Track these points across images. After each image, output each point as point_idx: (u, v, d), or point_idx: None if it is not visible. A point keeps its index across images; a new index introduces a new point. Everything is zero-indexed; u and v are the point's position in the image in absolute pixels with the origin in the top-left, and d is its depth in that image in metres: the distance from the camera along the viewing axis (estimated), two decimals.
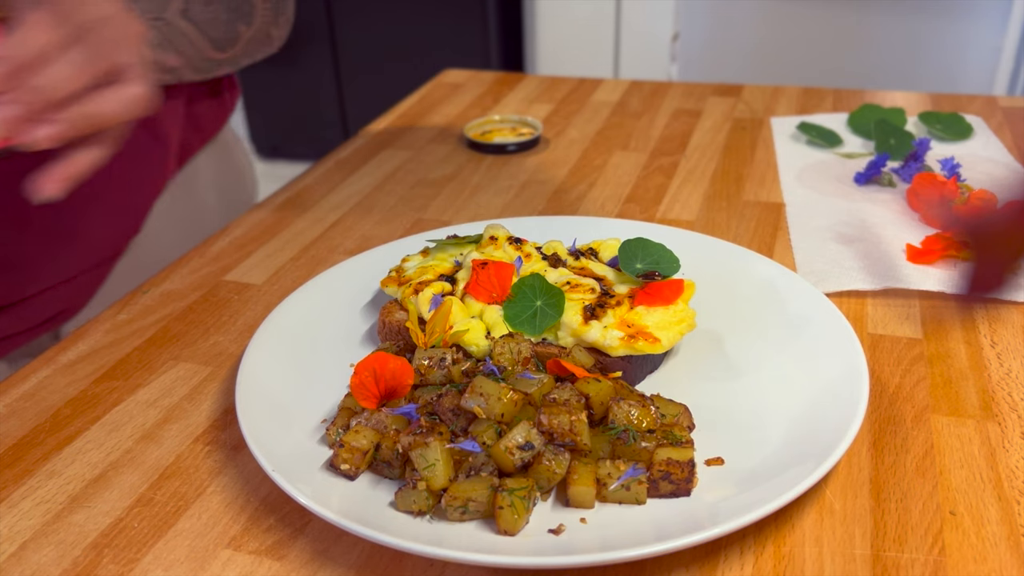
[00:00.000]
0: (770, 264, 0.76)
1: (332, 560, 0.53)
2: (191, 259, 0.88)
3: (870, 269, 0.80)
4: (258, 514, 0.56)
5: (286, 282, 0.83)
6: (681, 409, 0.59)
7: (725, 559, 0.52)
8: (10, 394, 0.68)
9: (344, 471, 0.56)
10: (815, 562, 0.51)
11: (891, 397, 0.65)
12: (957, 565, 0.51)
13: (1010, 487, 0.56)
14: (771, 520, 0.54)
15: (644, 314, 0.65)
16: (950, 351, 0.70)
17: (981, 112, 1.16)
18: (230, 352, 0.73)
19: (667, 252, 0.70)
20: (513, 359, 0.62)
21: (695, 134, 1.13)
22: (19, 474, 0.60)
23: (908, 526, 0.54)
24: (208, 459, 0.61)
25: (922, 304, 0.76)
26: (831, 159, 1.04)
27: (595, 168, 1.05)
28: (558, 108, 1.24)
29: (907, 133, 1.04)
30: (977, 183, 0.92)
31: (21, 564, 0.53)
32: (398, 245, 0.82)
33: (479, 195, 0.98)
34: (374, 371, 0.59)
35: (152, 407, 0.66)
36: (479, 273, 0.68)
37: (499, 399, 0.55)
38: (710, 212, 0.93)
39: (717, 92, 1.28)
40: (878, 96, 1.23)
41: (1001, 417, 0.62)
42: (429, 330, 0.65)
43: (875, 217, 0.90)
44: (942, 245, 0.80)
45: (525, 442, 0.53)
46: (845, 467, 0.58)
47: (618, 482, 0.53)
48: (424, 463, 0.53)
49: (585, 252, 0.74)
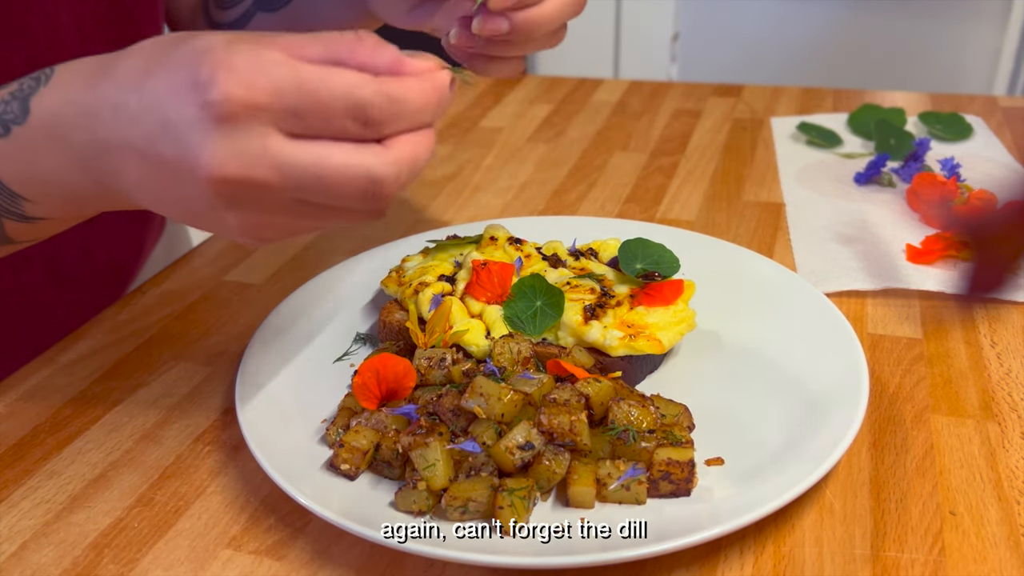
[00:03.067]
0: (770, 264, 0.76)
1: (332, 560, 0.53)
2: (191, 259, 0.88)
3: (870, 269, 0.80)
4: (258, 514, 0.56)
5: (286, 282, 0.83)
6: (681, 409, 0.59)
7: (725, 559, 0.52)
8: (10, 394, 0.68)
9: (344, 471, 0.56)
10: (815, 562, 0.51)
11: (891, 397, 0.65)
12: (957, 565, 0.51)
13: (1010, 487, 0.56)
14: (771, 520, 0.54)
15: (644, 314, 0.65)
16: (950, 351, 0.70)
17: (981, 112, 1.16)
18: (230, 352, 0.73)
19: (667, 252, 0.70)
20: (513, 359, 0.62)
21: (695, 134, 1.13)
22: (19, 474, 0.60)
23: (908, 526, 0.54)
24: (208, 459, 0.61)
25: (922, 304, 0.76)
26: (831, 159, 1.04)
27: (595, 168, 1.05)
28: (558, 108, 1.24)
29: (907, 133, 1.04)
30: (977, 183, 0.92)
31: (21, 564, 0.53)
32: (398, 245, 0.82)
33: (479, 195, 0.98)
34: (377, 372, 0.59)
35: (152, 407, 0.66)
36: (479, 273, 0.68)
37: (499, 399, 0.55)
38: (710, 212, 0.93)
39: (717, 92, 1.28)
40: (878, 96, 1.23)
41: (1001, 417, 0.62)
42: (429, 330, 0.65)
43: (875, 217, 0.90)
44: (942, 245, 0.80)
45: (525, 442, 0.53)
46: (845, 467, 0.58)
47: (618, 482, 0.53)
48: (424, 463, 0.53)
49: (585, 252, 0.74)
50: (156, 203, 0.49)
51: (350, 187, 0.44)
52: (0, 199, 0.53)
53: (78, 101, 0.49)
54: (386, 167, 0.45)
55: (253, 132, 0.43)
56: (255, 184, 0.44)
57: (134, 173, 0.47)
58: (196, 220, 0.49)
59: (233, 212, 0.45)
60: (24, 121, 0.51)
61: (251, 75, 0.43)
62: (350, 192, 0.45)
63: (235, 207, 0.45)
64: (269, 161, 0.43)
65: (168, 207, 0.49)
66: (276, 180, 0.44)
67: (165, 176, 0.46)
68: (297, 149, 0.44)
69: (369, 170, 0.44)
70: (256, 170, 0.43)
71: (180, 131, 0.44)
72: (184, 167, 0.44)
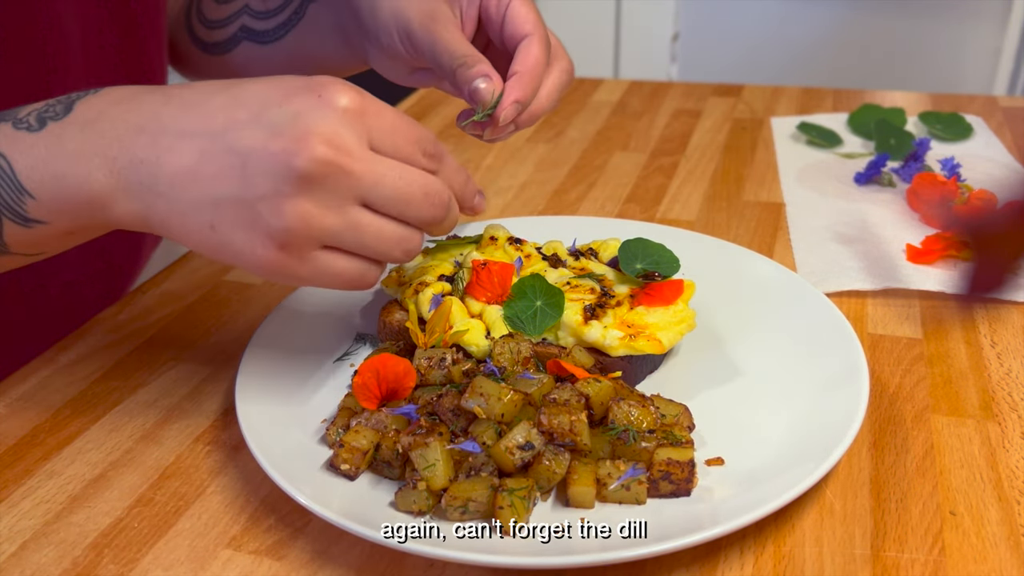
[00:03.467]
0: (770, 264, 0.76)
1: (332, 560, 0.53)
2: (191, 259, 0.88)
3: (870, 269, 0.80)
4: (258, 514, 0.56)
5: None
6: (681, 409, 0.59)
7: (725, 559, 0.52)
8: (10, 394, 0.68)
9: (344, 471, 0.56)
10: (815, 562, 0.51)
11: (891, 397, 0.65)
12: (957, 565, 0.51)
13: (1010, 487, 0.56)
14: (771, 520, 0.54)
15: (644, 314, 0.65)
16: (950, 351, 0.70)
17: (981, 112, 1.16)
18: (230, 352, 0.73)
19: (667, 252, 0.70)
20: (513, 359, 0.62)
21: (695, 134, 1.13)
22: (19, 474, 0.60)
23: (908, 526, 0.54)
24: (208, 459, 0.61)
25: (922, 304, 0.76)
26: (831, 159, 1.04)
27: (595, 168, 1.05)
28: (558, 108, 1.24)
29: (907, 133, 1.04)
30: (977, 183, 0.92)
31: (21, 564, 0.53)
32: None
33: None
34: (377, 372, 0.59)
35: (152, 407, 0.66)
36: (479, 273, 0.68)
37: (499, 399, 0.55)
38: (710, 212, 0.93)
39: (717, 92, 1.28)
40: (878, 96, 1.23)
41: (1001, 417, 0.62)
42: (429, 330, 0.65)
43: (875, 217, 0.90)
44: (942, 245, 0.80)
45: (525, 442, 0.53)
46: (845, 467, 0.58)
47: (618, 482, 0.53)
48: (424, 463, 0.53)
49: (585, 252, 0.74)
50: (188, 199, 0.51)
51: (416, 188, 0.53)
52: (8, 193, 0.53)
53: (129, 100, 0.53)
54: (441, 183, 0.55)
55: (354, 130, 0.50)
56: (342, 170, 0.50)
57: (185, 159, 0.50)
58: (229, 224, 0.51)
59: (302, 197, 0.49)
60: (63, 118, 0.53)
61: (361, 93, 0.52)
62: (416, 194, 0.53)
63: (307, 191, 0.49)
64: (360, 155, 0.50)
65: (199, 207, 0.51)
66: (361, 171, 0.50)
67: (230, 163, 0.50)
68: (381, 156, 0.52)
69: (431, 181, 0.54)
70: (346, 158, 0.50)
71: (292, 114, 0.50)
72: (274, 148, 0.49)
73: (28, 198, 0.53)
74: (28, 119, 0.54)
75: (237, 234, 0.51)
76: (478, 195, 0.61)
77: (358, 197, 0.51)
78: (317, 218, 0.50)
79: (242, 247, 0.51)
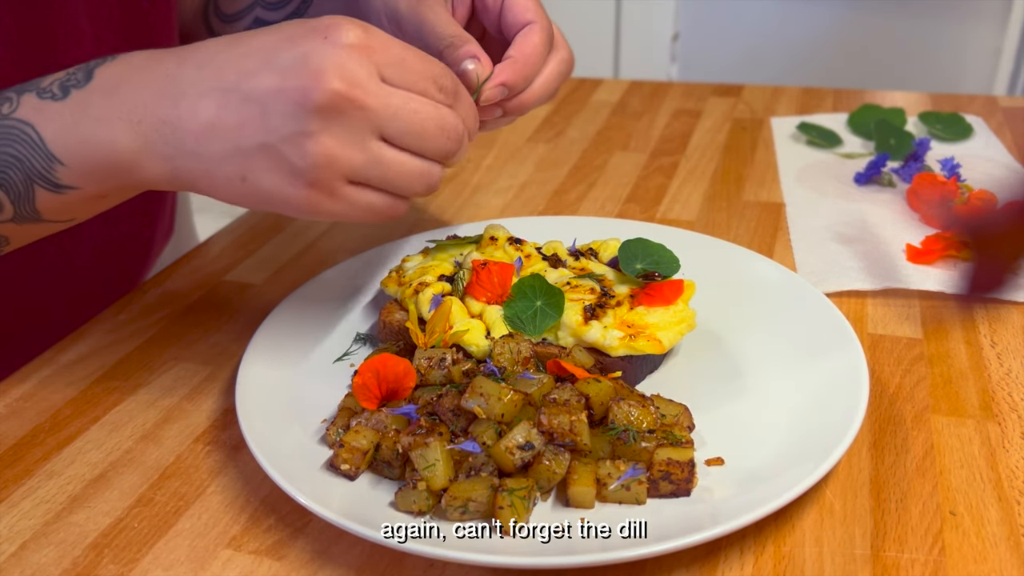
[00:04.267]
0: (770, 264, 0.76)
1: (332, 560, 0.53)
2: (191, 259, 0.88)
3: (870, 269, 0.80)
4: (258, 514, 0.56)
5: (286, 282, 0.83)
6: (681, 409, 0.59)
7: (725, 559, 0.52)
8: (10, 394, 0.68)
9: (344, 471, 0.56)
10: (815, 562, 0.51)
11: (891, 397, 0.65)
12: (957, 565, 0.51)
13: (1010, 487, 0.56)
14: (771, 520, 0.54)
15: (644, 314, 0.65)
16: (950, 351, 0.70)
17: (981, 112, 1.16)
18: (230, 352, 0.73)
19: (667, 252, 0.70)
20: (513, 359, 0.62)
21: (695, 134, 1.13)
22: (19, 474, 0.60)
23: (908, 526, 0.54)
24: (208, 459, 0.61)
25: (922, 304, 0.76)
26: (831, 159, 1.04)
27: (595, 168, 1.05)
28: (558, 108, 1.24)
29: (907, 133, 1.04)
30: (977, 183, 0.92)
31: (21, 564, 0.53)
32: (398, 245, 0.82)
33: (479, 195, 0.98)
34: (377, 372, 0.59)
35: (152, 407, 0.66)
36: (479, 273, 0.68)
37: (499, 399, 0.55)
38: (710, 212, 0.93)
39: (717, 92, 1.28)
40: (878, 96, 1.23)
41: (1001, 417, 0.62)
42: (429, 330, 0.65)
43: (875, 217, 0.90)
44: (942, 245, 0.80)
45: (525, 442, 0.53)
46: (845, 467, 0.58)
47: (618, 482, 0.53)
48: (424, 463, 0.53)
49: (585, 252, 0.74)
50: (214, 153, 0.52)
51: (431, 122, 0.53)
52: (38, 162, 0.55)
53: (146, 66, 0.55)
54: (456, 117, 0.55)
55: (363, 65, 0.51)
56: (357, 104, 0.51)
57: (205, 115, 0.52)
58: (257, 171, 0.52)
59: (323, 135, 0.51)
60: (85, 85, 0.55)
61: (367, 28, 0.53)
62: (431, 128, 0.54)
63: (326, 127, 0.51)
64: (373, 88, 0.51)
65: (226, 160, 0.52)
66: (375, 105, 0.51)
67: (249, 111, 0.51)
68: (394, 88, 0.53)
69: (446, 114, 0.55)
70: (359, 91, 0.51)
71: (301, 55, 0.51)
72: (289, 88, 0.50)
73: (58, 165, 0.55)
74: (52, 88, 0.55)
75: (266, 178, 0.52)
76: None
77: (376, 130, 0.52)
78: (340, 154, 0.52)
79: (273, 190, 0.53)
